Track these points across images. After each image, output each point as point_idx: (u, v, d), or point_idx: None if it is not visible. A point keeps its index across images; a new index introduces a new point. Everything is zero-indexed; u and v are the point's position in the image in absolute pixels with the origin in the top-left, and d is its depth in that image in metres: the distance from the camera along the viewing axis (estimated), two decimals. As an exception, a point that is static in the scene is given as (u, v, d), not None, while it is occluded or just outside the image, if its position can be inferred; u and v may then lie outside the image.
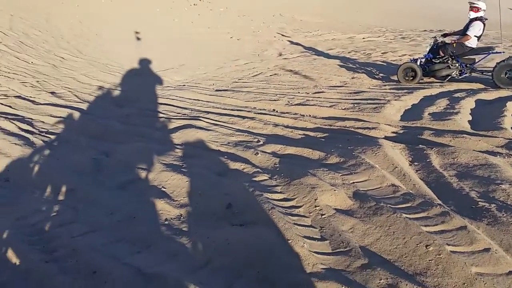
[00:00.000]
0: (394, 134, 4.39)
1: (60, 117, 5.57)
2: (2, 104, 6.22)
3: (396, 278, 2.15)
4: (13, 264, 2.66)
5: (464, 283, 2.09)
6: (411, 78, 6.93)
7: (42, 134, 4.95)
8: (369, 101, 5.70)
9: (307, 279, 2.22)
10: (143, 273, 2.38)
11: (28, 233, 2.97)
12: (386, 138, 4.21)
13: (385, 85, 6.98)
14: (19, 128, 5.12)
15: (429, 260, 2.26)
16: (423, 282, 2.13)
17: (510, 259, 2.25)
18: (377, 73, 8.14)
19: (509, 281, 2.08)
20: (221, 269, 2.40)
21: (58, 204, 3.31)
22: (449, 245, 2.35)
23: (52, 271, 2.51)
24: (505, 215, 2.61)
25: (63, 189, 3.53)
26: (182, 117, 5.52)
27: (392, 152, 3.72)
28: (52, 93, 7.01)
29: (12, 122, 5.30)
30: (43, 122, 5.43)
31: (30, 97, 6.73)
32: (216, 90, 7.24)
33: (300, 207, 3.00)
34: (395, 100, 5.59)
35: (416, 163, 3.53)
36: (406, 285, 2.10)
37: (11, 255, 2.73)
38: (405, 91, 6.23)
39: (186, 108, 6.03)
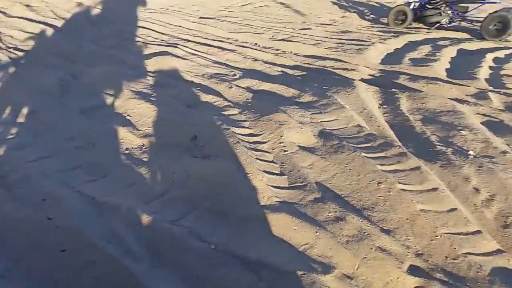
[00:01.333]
0: (371, 77, 4.32)
1: (32, 33, 5.28)
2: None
3: (345, 211, 2.21)
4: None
5: (407, 218, 2.16)
6: (401, 22, 6.75)
7: (10, 50, 4.71)
8: (353, 42, 5.57)
9: (259, 211, 2.25)
10: (96, 202, 2.36)
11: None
12: (362, 80, 4.14)
13: (373, 27, 6.78)
14: (-16, 43, 4.88)
15: (378, 197, 2.31)
16: (369, 216, 2.20)
17: (454, 198, 2.31)
18: (369, 13, 7.89)
19: (448, 217, 2.16)
20: (177, 200, 2.41)
21: (17, 127, 3.22)
22: (400, 183, 2.40)
23: (0, 197, 2.43)
24: (458, 158, 2.65)
25: (25, 110, 3.43)
26: (159, 43, 5.31)
27: (364, 94, 3.67)
28: (27, 5, 6.60)
29: (-23, 36, 5.04)
30: (12, 37, 5.15)
31: (2, 8, 6.34)
32: (200, 18, 6.95)
33: (265, 142, 2.98)
34: (380, 43, 5.46)
35: (385, 106, 3.51)
36: (353, 218, 2.16)
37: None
38: (392, 34, 6.08)
39: (165, 34, 5.79)
